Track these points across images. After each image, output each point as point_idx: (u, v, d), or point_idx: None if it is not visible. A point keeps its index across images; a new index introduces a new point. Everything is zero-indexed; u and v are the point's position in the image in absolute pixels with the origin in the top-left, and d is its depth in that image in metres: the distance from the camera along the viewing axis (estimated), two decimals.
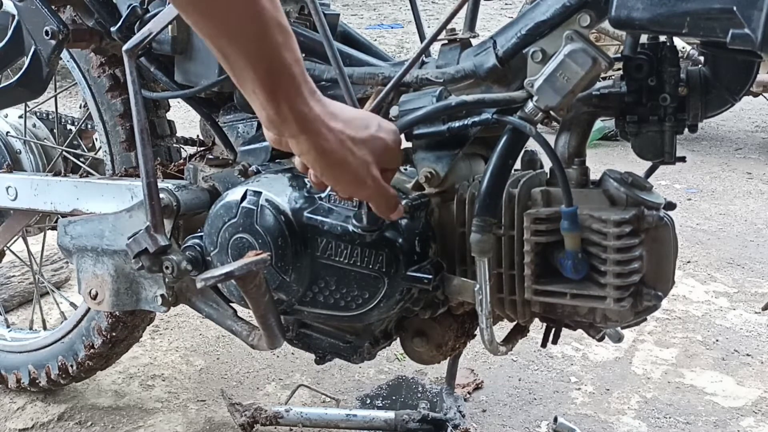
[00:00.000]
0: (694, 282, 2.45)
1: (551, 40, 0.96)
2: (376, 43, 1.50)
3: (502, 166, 0.99)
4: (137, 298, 1.27)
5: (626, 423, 1.67)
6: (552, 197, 1.00)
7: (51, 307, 2.09)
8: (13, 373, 1.69)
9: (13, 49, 1.34)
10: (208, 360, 1.93)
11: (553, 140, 1.03)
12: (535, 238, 0.98)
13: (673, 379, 1.86)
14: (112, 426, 1.64)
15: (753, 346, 2.03)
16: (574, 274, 0.96)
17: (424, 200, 1.06)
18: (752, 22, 0.79)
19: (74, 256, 1.31)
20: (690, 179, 3.73)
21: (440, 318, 1.14)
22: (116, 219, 1.26)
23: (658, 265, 0.98)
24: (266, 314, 1.06)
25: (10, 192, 1.49)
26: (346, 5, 8.97)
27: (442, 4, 8.83)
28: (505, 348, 1.11)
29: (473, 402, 1.74)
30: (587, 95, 1.02)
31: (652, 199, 0.97)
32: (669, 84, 0.99)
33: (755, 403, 1.75)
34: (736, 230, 2.98)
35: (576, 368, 1.90)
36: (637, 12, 0.87)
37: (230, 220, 1.09)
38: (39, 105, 1.78)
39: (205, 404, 1.72)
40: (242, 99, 1.22)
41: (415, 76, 1.07)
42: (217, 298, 1.24)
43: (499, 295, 1.03)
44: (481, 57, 1.03)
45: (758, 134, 4.82)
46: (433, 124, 1.03)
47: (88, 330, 1.55)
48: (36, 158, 1.67)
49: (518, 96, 0.97)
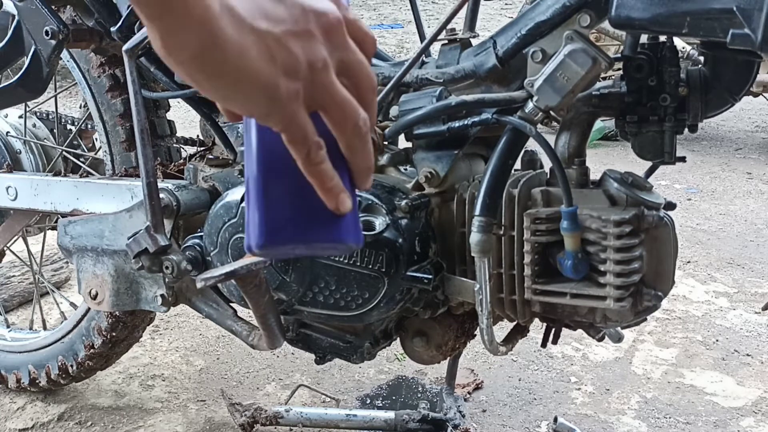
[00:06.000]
0: (694, 282, 2.45)
1: (551, 40, 0.96)
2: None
3: (502, 166, 0.99)
4: (137, 298, 1.27)
5: (626, 423, 1.67)
6: (552, 197, 1.00)
7: (51, 307, 2.09)
8: (13, 373, 1.69)
9: (13, 49, 1.34)
10: (208, 360, 1.93)
11: (553, 140, 1.03)
12: (535, 238, 0.98)
13: (673, 379, 1.86)
14: (112, 426, 1.64)
15: (753, 346, 2.03)
16: (574, 274, 0.96)
17: (424, 200, 1.06)
18: (752, 22, 0.79)
19: (74, 256, 1.31)
20: (690, 179, 3.73)
21: (440, 318, 1.14)
22: (116, 219, 1.26)
23: (658, 265, 0.98)
24: (266, 314, 1.06)
25: (10, 192, 1.49)
26: None
27: (442, 4, 8.84)
28: (505, 348, 1.11)
29: (473, 402, 1.74)
30: (587, 95, 1.02)
31: (652, 199, 0.97)
32: (669, 84, 0.99)
33: (755, 403, 1.75)
34: (736, 230, 2.98)
35: (576, 368, 1.90)
36: (637, 12, 0.87)
37: (230, 220, 1.09)
38: (39, 105, 1.78)
39: (205, 404, 1.72)
40: None
41: (415, 76, 1.07)
42: (217, 298, 1.24)
43: (499, 295, 1.03)
44: (481, 57, 1.03)
45: (758, 134, 4.82)
46: (433, 124, 1.03)
47: (88, 330, 1.55)
48: (36, 158, 1.67)
49: (518, 96, 0.97)
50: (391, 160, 1.11)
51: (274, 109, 0.48)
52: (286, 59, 0.47)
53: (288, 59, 0.47)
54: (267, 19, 0.46)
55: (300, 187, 0.51)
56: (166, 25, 0.44)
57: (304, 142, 0.49)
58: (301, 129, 0.49)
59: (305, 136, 0.49)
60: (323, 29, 0.49)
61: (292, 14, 0.48)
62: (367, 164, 0.53)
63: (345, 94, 0.50)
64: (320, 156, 0.50)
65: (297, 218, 0.51)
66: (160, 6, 0.43)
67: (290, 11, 0.48)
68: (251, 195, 0.51)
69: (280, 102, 0.47)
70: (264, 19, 0.46)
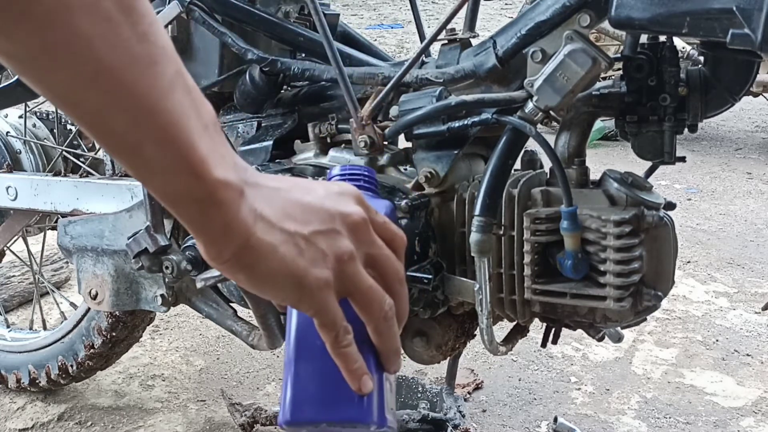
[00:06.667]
0: (694, 282, 2.45)
1: (551, 40, 0.97)
2: (376, 43, 1.50)
3: (502, 166, 0.99)
4: (137, 298, 1.27)
5: (626, 423, 1.67)
6: (552, 197, 1.00)
7: (51, 307, 2.09)
8: (13, 373, 1.68)
9: None
10: (208, 360, 1.93)
11: (553, 140, 1.03)
12: (535, 238, 0.98)
13: (673, 379, 1.86)
14: (112, 426, 1.64)
15: (753, 346, 2.03)
16: (574, 274, 0.96)
17: (424, 200, 1.06)
18: (752, 22, 0.79)
19: (74, 256, 1.31)
20: (690, 179, 3.73)
21: (440, 318, 1.14)
22: (116, 219, 1.26)
23: (658, 265, 0.98)
24: (266, 314, 1.06)
25: (10, 192, 1.49)
26: (346, 5, 8.97)
27: (442, 4, 8.84)
28: (505, 348, 1.11)
29: (473, 402, 1.74)
30: (587, 95, 1.02)
31: (652, 199, 0.97)
32: (669, 84, 0.99)
33: (755, 403, 1.75)
34: (736, 230, 2.98)
35: (576, 368, 1.90)
36: (637, 12, 0.87)
37: None
38: (39, 105, 1.78)
39: (205, 404, 1.72)
40: (242, 99, 1.23)
41: (415, 76, 1.07)
42: (217, 298, 1.24)
43: (499, 295, 1.03)
44: (481, 57, 1.03)
45: (758, 134, 4.82)
46: (432, 124, 1.03)
47: (88, 330, 1.55)
48: (36, 158, 1.67)
49: (518, 96, 0.97)
50: (391, 160, 1.11)
51: (304, 297, 0.52)
52: (313, 254, 0.51)
53: (315, 254, 0.51)
54: (295, 221, 0.51)
55: (328, 369, 0.55)
56: (210, 239, 0.49)
57: (332, 327, 0.54)
58: (330, 315, 0.53)
59: (334, 321, 0.53)
60: (349, 228, 0.53)
61: (319, 217, 0.52)
62: (394, 347, 0.57)
63: (371, 282, 0.54)
64: (347, 340, 0.54)
65: (322, 397, 0.55)
66: (202, 225, 0.48)
67: (317, 215, 0.52)
68: (285, 373, 0.56)
69: (310, 290, 0.52)
70: (292, 222, 0.51)
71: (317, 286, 0.51)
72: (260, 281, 0.51)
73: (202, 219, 0.48)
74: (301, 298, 0.52)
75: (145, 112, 0.44)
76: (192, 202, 0.47)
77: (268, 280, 0.51)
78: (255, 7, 1.22)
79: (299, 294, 0.52)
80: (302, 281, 0.51)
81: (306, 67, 1.15)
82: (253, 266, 0.50)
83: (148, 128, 0.44)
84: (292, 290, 0.52)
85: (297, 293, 0.52)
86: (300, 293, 0.52)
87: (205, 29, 1.18)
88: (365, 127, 1.06)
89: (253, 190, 0.49)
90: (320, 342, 0.55)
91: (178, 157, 0.45)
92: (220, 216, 0.47)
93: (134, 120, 0.43)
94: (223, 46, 1.21)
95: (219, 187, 0.47)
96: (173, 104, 0.44)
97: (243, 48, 1.16)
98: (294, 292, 0.52)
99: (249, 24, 1.21)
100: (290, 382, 0.55)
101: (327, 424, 0.55)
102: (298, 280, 0.51)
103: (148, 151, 0.44)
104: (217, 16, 1.20)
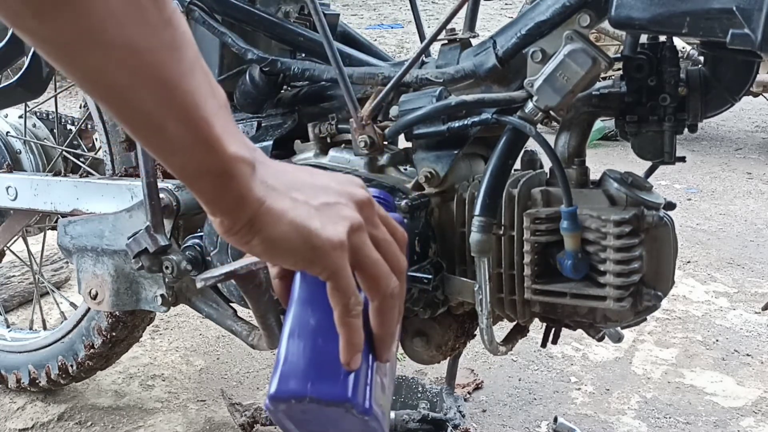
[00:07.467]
0: (694, 282, 2.45)
1: (551, 40, 0.97)
2: (376, 43, 1.50)
3: (502, 166, 0.99)
4: (137, 298, 1.27)
5: (626, 423, 1.67)
6: (552, 197, 1.00)
7: (51, 307, 2.09)
8: (13, 373, 1.69)
9: (13, 48, 1.34)
10: (208, 360, 1.93)
11: (553, 140, 1.03)
12: (535, 238, 0.98)
13: (673, 379, 1.86)
14: (112, 426, 1.64)
15: (753, 346, 2.03)
16: (574, 274, 0.96)
17: (424, 200, 1.06)
18: (752, 22, 0.79)
19: (74, 256, 1.31)
20: (690, 179, 3.73)
21: (440, 318, 1.14)
22: (116, 219, 1.26)
23: (658, 265, 0.98)
24: (266, 314, 1.06)
25: (10, 192, 1.49)
26: (346, 5, 8.97)
27: (442, 4, 8.84)
28: (505, 348, 1.11)
29: (473, 402, 1.74)
30: (587, 95, 1.02)
31: (652, 199, 0.97)
32: (669, 84, 0.99)
33: (755, 403, 1.75)
34: (736, 230, 2.98)
35: (576, 368, 1.90)
36: (637, 12, 0.87)
37: None
38: (39, 105, 1.78)
39: (205, 404, 1.72)
40: (242, 99, 1.23)
41: (415, 76, 1.07)
42: (217, 298, 1.24)
43: (499, 295, 1.03)
44: (481, 57, 1.03)
45: (758, 134, 4.82)
46: (432, 124, 1.03)
47: (88, 330, 1.55)
48: (36, 158, 1.67)
49: (518, 96, 0.97)
50: (391, 160, 1.11)
51: (317, 257, 0.52)
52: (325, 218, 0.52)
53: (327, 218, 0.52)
54: (304, 194, 0.53)
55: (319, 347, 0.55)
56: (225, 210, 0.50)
57: (345, 292, 0.53)
58: (345, 278, 0.53)
59: (348, 286, 0.53)
60: (355, 203, 0.54)
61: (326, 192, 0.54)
62: (391, 331, 0.57)
63: (379, 256, 0.54)
64: (356, 310, 0.54)
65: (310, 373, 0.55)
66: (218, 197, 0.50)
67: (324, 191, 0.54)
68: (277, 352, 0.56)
69: (324, 250, 0.51)
70: (301, 194, 0.53)
71: (331, 245, 0.51)
72: (273, 245, 0.52)
73: (219, 192, 0.50)
74: (314, 259, 0.52)
75: (170, 93, 0.46)
76: (209, 176, 0.49)
77: (282, 242, 0.51)
78: (255, 7, 1.22)
79: (312, 254, 0.51)
80: (315, 241, 0.51)
81: (306, 67, 1.15)
82: (265, 230, 0.51)
83: (172, 108, 0.46)
84: (305, 251, 0.51)
85: (311, 253, 0.51)
86: (313, 253, 0.51)
87: (205, 29, 1.18)
88: (365, 127, 1.06)
89: (262, 167, 0.52)
90: (314, 321, 0.55)
91: (198, 134, 0.47)
92: (235, 188, 0.49)
93: (160, 100, 0.46)
94: (223, 46, 1.21)
95: (234, 161, 0.49)
96: (194, 86, 0.47)
97: (243, 48, 1.16)
98: (308, 252, 0.51)
99: (249, 24, 1.21)
100: (281, 359, 0.55)
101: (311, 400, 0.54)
102: (311, 240, 0.51)
103: (171, 130, 0.47)
104: (217, 16, 1.20)
